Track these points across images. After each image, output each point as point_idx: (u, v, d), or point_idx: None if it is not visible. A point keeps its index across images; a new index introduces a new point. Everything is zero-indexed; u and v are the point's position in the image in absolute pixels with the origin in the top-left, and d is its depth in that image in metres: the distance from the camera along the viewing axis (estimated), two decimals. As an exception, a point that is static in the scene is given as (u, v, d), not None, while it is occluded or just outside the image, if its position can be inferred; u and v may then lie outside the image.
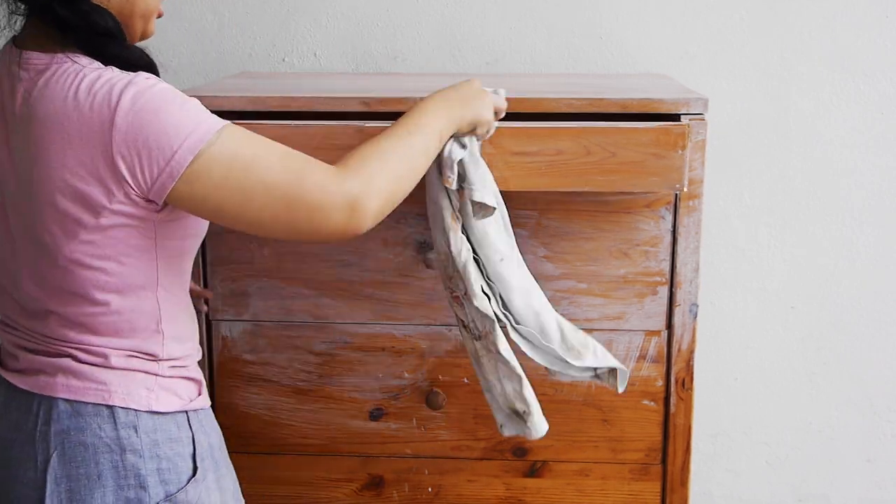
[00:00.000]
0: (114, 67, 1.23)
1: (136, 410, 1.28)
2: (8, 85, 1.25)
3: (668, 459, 1.71)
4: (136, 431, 1.28)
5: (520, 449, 1.74)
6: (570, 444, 1.73)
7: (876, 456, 2.27)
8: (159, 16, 1.34)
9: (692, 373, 1.68)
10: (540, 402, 1.72)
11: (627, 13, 2.10)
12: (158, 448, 1.29)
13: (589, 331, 1.68)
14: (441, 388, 1.72)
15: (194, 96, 1.60)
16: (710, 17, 2.09)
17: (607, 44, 2.12)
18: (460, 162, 1.45)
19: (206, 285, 1.71)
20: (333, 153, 1.53)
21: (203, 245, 1.68)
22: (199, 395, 1.37)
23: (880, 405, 2.24)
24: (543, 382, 1.70)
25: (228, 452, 1.78)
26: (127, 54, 1.25)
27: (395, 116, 1.57)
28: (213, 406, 1.74)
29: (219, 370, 1.74)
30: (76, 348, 1.28)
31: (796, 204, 2.15)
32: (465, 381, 1.72)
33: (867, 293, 2.19)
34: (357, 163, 1.28)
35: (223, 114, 1.59)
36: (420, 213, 1.66)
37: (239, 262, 1.70)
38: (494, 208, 1.46)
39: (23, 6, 1.27)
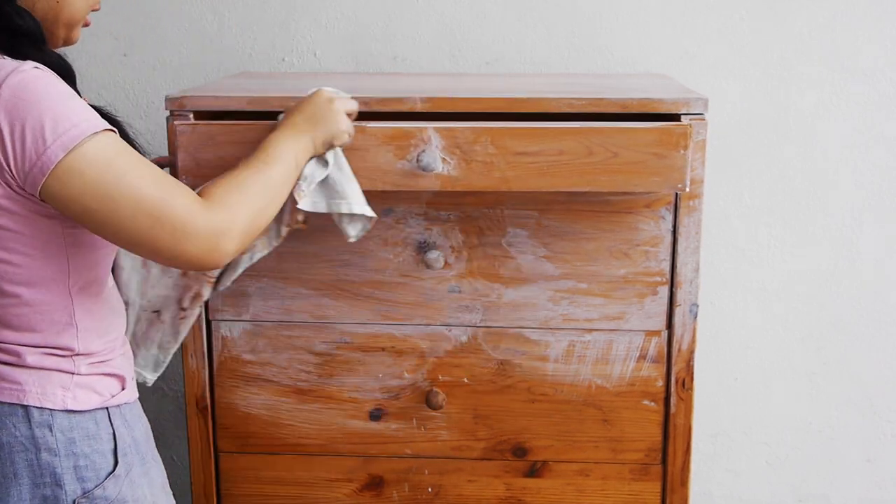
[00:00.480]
0: (6, 56, 1.22)
1: (50, 410, 1.28)
2: None
3: (668, 459, 1.71)
4: (51, 430, 1.28)
5: (520, 449, 1.74)
6: (570, 444, 1.73)
7: (876, 456, 2.27)
8: (86, 24, 1.33)
9: (692, 373, 1.68)
10: (540, 401, 1.72)
11: (627, 13, 2.10)
12: (75, 446, 1.29)
13: (589, 331, 1.69)
14: (441, 388, 1.72)
15: (195, 96, 1.61)
16: (710, 17, 2.09)
17: (607, 44, 2.12)
18: (326, 180, 1.47)
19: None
20: (333, 153, 1.53)
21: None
22: (123, 389, 1.37)
23: (880, 405, 2.24)
24: (544, 383, 1.70)
25: (227, 452, 1.79)
26: (45, 58, 1.24)
27: (395, 116, 1.57)
28: (212, 406, 1.75)
29: (219, 370, 1.74)
30: None
31: (796, 204, 2.15)
32: (465, 381, 1.72)
33: (867, 293, 2.19)
34: (221, 196, 1.27)
35: (223, 114, 1.60)
36: (419, 213, 1.66)
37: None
38: (374, 217, 1.50)
39: None
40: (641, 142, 1.50)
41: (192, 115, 1.59)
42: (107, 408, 1.33)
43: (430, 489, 1.76)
